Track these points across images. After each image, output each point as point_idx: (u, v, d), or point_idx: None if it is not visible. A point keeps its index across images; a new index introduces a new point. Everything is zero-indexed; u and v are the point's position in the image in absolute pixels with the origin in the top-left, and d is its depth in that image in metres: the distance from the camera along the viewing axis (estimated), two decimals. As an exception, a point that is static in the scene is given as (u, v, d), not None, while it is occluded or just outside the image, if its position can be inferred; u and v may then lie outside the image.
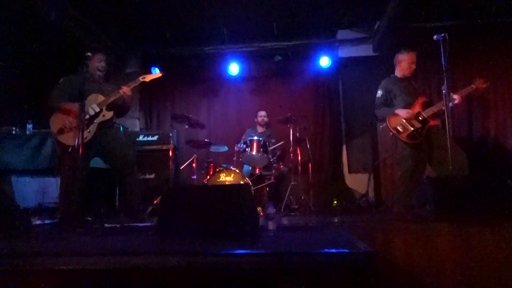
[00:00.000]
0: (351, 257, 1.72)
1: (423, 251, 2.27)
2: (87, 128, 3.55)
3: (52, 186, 4.46)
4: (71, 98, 3.62)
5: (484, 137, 5.52)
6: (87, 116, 3.57)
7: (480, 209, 2.58)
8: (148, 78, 3.89)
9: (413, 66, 3.99)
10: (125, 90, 3.68)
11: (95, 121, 3.61)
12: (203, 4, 5.22)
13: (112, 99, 3.67)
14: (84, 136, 3.47)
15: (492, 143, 5.47)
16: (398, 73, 4.05)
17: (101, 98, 3.68)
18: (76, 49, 5.11)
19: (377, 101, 4.04)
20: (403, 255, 2.27)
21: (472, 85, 3.73)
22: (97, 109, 3.62)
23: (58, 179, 4.29)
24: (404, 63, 3.99)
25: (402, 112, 3.78)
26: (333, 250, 1.77)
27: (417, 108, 3.78)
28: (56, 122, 3.57)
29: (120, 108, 3.86)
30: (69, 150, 3.38)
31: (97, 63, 3.83)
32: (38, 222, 3.80)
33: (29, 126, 4.69)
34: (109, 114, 3.68)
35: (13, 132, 4.60)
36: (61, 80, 3.69)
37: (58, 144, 3.55)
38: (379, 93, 4.03)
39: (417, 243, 2.29)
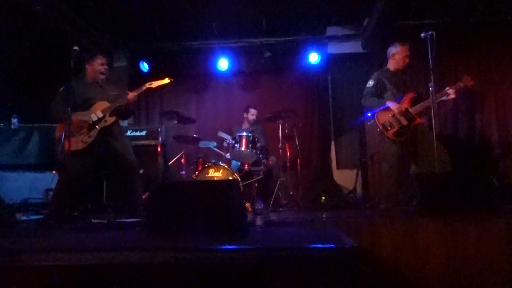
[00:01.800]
0: (338, 252, 1.74)
1: (409, 246, 2.31)
2: (88, 133, 3.55)
3: (38, 181, 4.41)
4: (75, 106, 3.55)
5: (469, 134, 5.60)
6: (91, 122, 3.56)
7: (464, 205, 2.64)
8: (155, 84, 3.83)
9: (407, 60, 4.00)
10: (132, 96, 3.67)
11: (96, 126, 3.58)
12: (192, -1, 5.19)
13: (116, 105, 3.65)
14: (84, 141, 3.52)
15: (477, 140, 5.56)
16: (391, 66, 4.05)
17: (106, 104, 3.66)
18: (62, 43, 5.04)
19: (367, 91, 4.03)
20: (389, 250, 2.31)
21: (460, 83, 3.78)
22: (100, 115, 3.59)
23: (45, 175, 4.27)
24: (397, 56, 4.00)
25: (393, 106, 3.81)
26: (321, 245, 1.79)
27: (405, 104, 3.81)
28: (60, 129, 3.54)
29: (124, 113, 3.86)
30: (68, 154, 3.33)
31: (99, 66, 3.76)
32: (24, 218, 3.75)
33: (15, 120, 4.62)
34: (111, 120, 3.65)
35: (-2, 126, 4.53)
36: (62, 88, 3.60)
37: (61, 148, 3.51)
38: (371, 83, 4.03)
39: (403, 238, 2.33)
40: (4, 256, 1.82)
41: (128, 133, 5.25)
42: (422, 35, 3.40)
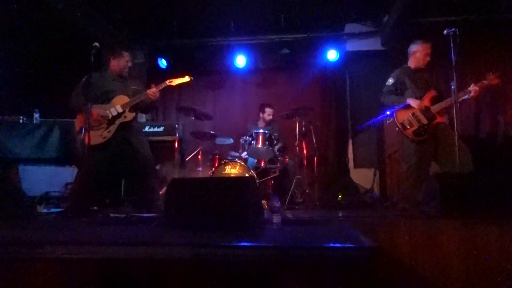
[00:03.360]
0: (356, 252, 1.72)
1: (428, 248, 2.27)
2: (107, 128, 3.60)
3: (58, 175, 4.49)
4: (95, 97, 3.60)
5: (492, 134, 5.46)
6: (110, 116, 3.60)
7: (486, 207, 2.56)
8: (175, 82, 3.88)
9: (428, 58, 3.89)
10: (153, 91, 3.68)
11: (116, 121, 3.62)
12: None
13: (136, 101, 3.68)
14: (103, 136, 3.57)
15: (500, 140, 5.42)
16: (412, 64, 3.97)
17: (126, 99, 3.69)
18: (82, 39, 5.11)
19: (386, 89, 3.96)
20: (407, 251, 2.26)
21: (484, 81, 3.66)
22: (120, 110, 3.63)
23: (65, 169, 4.34)
24: (418, 54, 3.90)
25: (414, 103, 3.73)
26: (338, 245, 1.77)
27: (425, 103, 3.73)
28: (80, 121, 3.62)
29: (145, 107, 3.91)
30: (87, 147, 3.37)
31: (125, 62, 3.81)
32: (44, 210, 3.83)
33: (36, 115, 4.71)
34: (130, 116, 3.68)
35: (21, 121, 4.63)
36: (83, 79, 3.63)
37: (81, 141, 3.56)
38: (390, 81, 3.96)
39: (421, 240, 2.28)
40: (24, 248, 1.86)
41: (146, 128, 5.30)
42: (445, 31, 3.31)
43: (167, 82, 3.84)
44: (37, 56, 5.24)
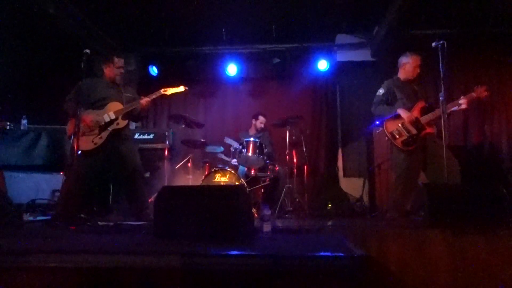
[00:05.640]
0: (346, 261, 1.72)
1: (416, 257, 2.28)
2: (99, 134, 3.57)
3: (45, 182, 4.43)
4: (89, 103, 3.61)
5: (479, 145, 5.55)
6: (103, 123, 3.58)
7: (474, 217, 2.59)
8: (170, 91, 3.88)
9: (417, 70, 3.95)
10: (145, 101, 3.69)
11: (108, 128, 3.59)
12: (203, 5, 5.22)
13: (129, 109, 3.67)
14: (95, 142, 3.54)
15: (487, 151, 5.50)
16: (402, 75, 4.01)
17: (119, 106, 3.67)
18: (73, 45, 5.08)
19: (377, 99, 3.99)
20: (396, 260, 2.27)
21: (473, 93, 3.72)
22: (113, 117, 3.61)
23: (53, 176, 4.28)
24: (408, 66, 3.96)
25: (404, 113, 3.78)
26: (328, 254, 1.77)
27: (415, 113, 3.78)
28: (72, 126, 3.57)
29: (135, 116, 3.89)
30: (78, 153, 3.34)
31: (117, 68, 3.80)
32: (30, 218, 3.77)
33: (24, 121, 4.66)
34: (123, 123, 3.67)
35: (8, 127, 4.57)
36: (79, 83, 3.60)
37: (71, 146, 3.51)
38: (381, 91, 3.99)
39: (410, 249, 2.30)
40: (10, 256, 1.82)
41: (136, 136, 5.27)
42: (433, 44, 3.38)
43: (161, 91, 3.84)
44: (25, 62, 5.18)
